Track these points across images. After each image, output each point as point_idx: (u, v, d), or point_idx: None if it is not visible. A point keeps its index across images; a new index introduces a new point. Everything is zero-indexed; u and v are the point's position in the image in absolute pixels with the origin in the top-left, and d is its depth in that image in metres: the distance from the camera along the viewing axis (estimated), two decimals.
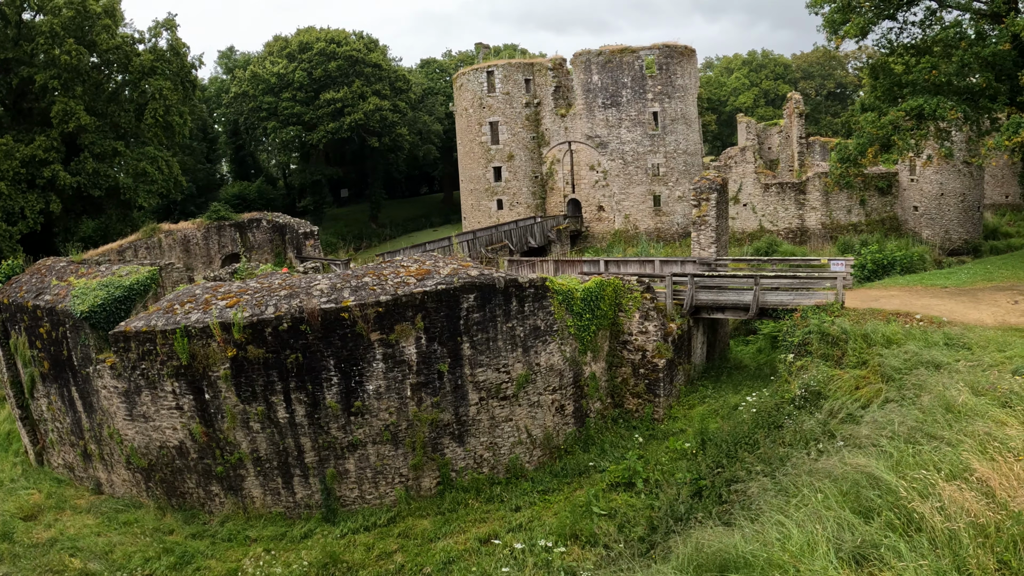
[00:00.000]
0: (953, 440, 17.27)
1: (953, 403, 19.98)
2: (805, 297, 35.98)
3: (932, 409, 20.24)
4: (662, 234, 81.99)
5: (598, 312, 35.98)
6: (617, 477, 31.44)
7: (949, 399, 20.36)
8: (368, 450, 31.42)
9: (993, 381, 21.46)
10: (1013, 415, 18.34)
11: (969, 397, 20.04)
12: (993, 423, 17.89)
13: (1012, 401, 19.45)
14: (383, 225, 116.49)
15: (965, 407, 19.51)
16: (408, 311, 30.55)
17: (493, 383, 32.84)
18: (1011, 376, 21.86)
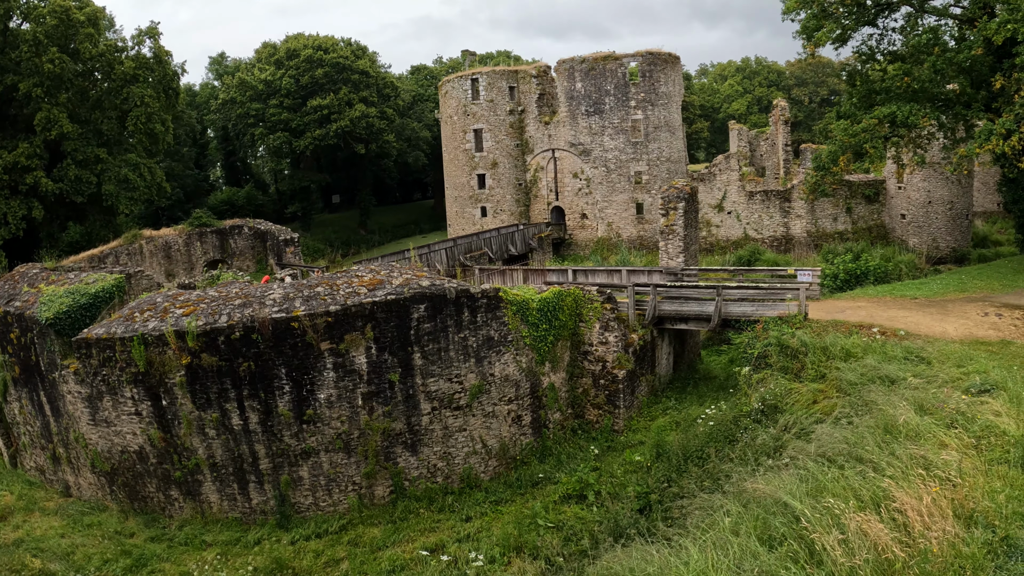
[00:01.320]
0: (883, 464, 16.89)
1: (894, 423, 19.58)
2: (768, 308, 35.58)
3: (872, 429, 19.86)
4: (644, 242, 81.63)
5: (556, 322, 35.54)
6: (569, 489, 31.08)
7: (891, 419, 19.97)
8: (321, 458, 31.32)
9: (943, 399, 21.07)
10: (956, 436, 17.93)
11: (913, 417, 19.62)
12: (932, 446, 17.51)
13: (958, 422, 18.98)
14: (372, 231, 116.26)
15: (907, 427, 19.11)
16: (358, 321, 30.55)
17: (446, 393, 32.63)
18: (963, 394, 21.42)
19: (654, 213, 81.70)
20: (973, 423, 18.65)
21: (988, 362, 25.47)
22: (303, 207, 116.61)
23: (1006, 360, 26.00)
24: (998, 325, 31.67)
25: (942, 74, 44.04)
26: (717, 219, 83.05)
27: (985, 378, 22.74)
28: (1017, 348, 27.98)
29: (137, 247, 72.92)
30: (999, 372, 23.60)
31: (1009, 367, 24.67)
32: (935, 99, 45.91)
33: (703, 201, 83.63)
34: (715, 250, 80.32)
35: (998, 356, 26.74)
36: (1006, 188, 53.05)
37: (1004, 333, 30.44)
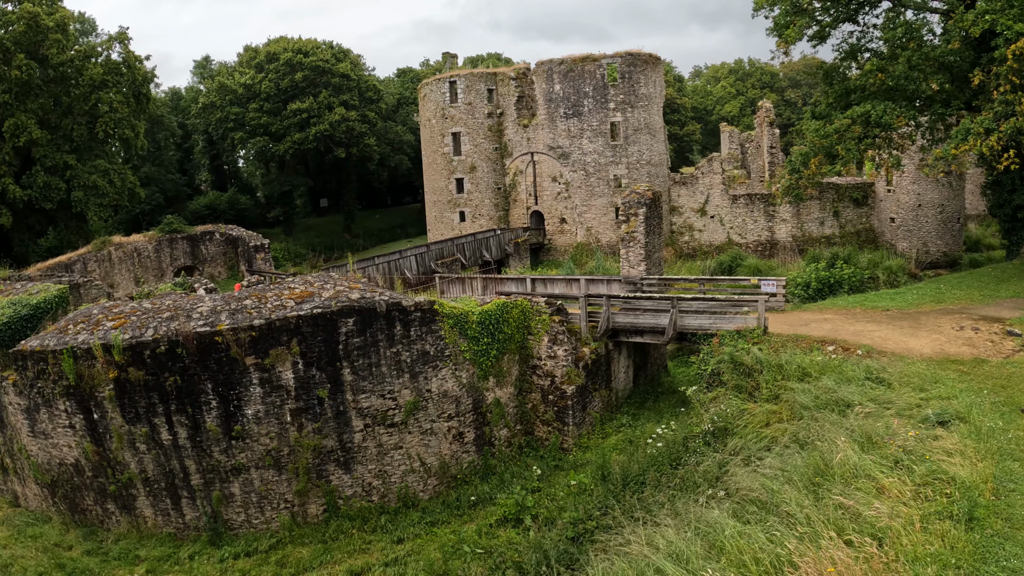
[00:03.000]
0: (802, 516, 15.10)
1: (830, 461, 17.79)
2: (726, 321, 33.66)
3: (803, 469, 18.07)
4: None
5: (501, 336, 33.75)
6: (506, 512, 29.49)
7: (829, 456, 18.17)
8: (252, 474, 30.42)
9: (893, 432, 19.23)
10: (899, 480, 16.15)
11: (852, 455, 17.76)
12: (867, 492, 15.70)
13: (904, 461, 17.21)
14: (356, 235, 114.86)
15: (843, 468, 17.28)
16: (283, 335, 29.49)
17: (379, 410, 31.33)
18: (915, 427, 19.59)
19: None
20: (920, 463, 16.91)
21: (955, 385, 23.85)
22: (285, 211, 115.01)
23: (976, 382, 24.37)
24: (973, 341, 29.60)
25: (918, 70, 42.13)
26: (700, 223, 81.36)
27: (944, 407, 20.99)
28: (991, 368, 26.14)
29: (106, 254, 72.07)
30: (965, 398, 22.05)
31: (978, 391, 23.14)
32: (912, 98, 43.97)
33: (685, 205, 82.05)
34: (698, 255, 78.64)
35: (968, 377, 25.06)
36: (991, 191, 51.19)
37: (979, 350, 28.41)
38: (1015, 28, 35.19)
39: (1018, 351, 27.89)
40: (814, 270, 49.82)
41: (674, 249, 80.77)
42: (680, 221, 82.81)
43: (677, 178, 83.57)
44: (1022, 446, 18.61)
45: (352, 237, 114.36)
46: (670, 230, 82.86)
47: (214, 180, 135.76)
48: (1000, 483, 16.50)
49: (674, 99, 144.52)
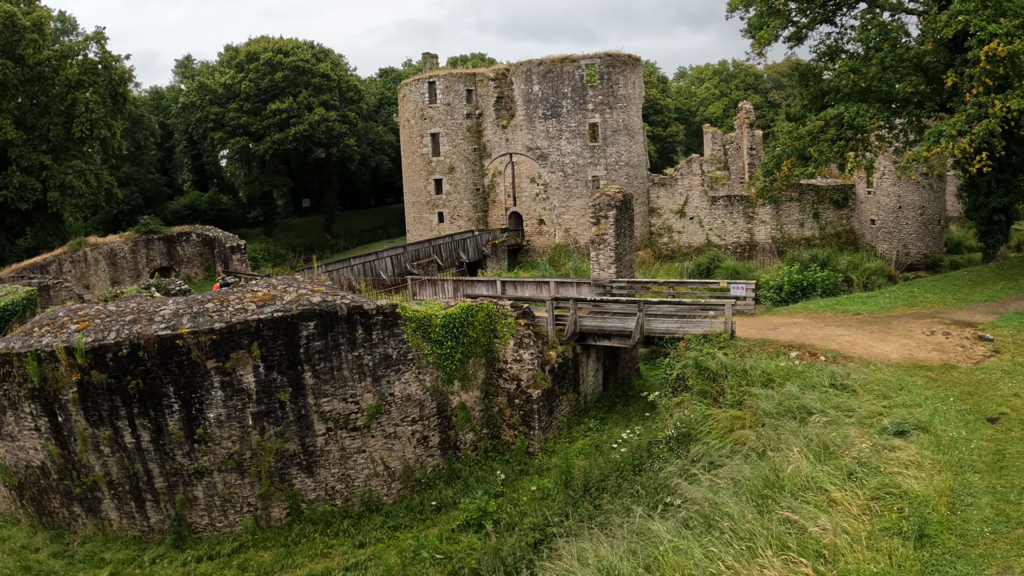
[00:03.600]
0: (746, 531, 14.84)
1: (783, 472, 17.53)
2: (693, 325, 33.33)
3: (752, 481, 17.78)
4: None
5: (465, 339, 33.41)
6: (468, 517, 29.34)
7: (781, 467, 17.92)
8: (215, 478, 30.23)
9: (853, 440, 19.00)
10: (851, 494, 15.84)
11: (806, 465, 17.50)
12: (815, 506, 15.42)
13: (858, 473, 16.91)
14: (337, 236, 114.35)
15: (794, 479, 16.99)
16: (243, 339, 29.22)
17: (341, 413, 31.02)
18: (874, 436, 19.30)
19: None
20: (874, 476, 16.63)
21: (921, 392, 23.52)
22: (265, 212, 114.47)
23: (943, 389, 24.01)
24: (943, 346, 29.21)
25: (892, 71, 41.92)
26: (679, 225, 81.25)
27: (906, 416, 20.70)
28: (960, 374, 25.81)
29: (81, 255, 71.72)
30: (929, 406, 21.69)
31: (944, 398, 22.84)
32: (886, 99, 43.78)
33: (664, 206, 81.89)
34: (677, 256, 78.48)
35: (935, 384, 24.71)
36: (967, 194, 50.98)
37: (949, 356, 28.04)
38: (988, 29, 34.96)
39: (988, 357, 27.58)
40: (787, 273, 49.55)
41: (653, 251, 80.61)
42: (659, 222, 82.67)
43: (656, 179, 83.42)
44: (984, 457, 18.28)
45: (333, 238, 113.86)
46: (649, 231, 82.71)
47: (196, 180, 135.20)
48: (957, 497, 16.18)
49: (657, 100, 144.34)
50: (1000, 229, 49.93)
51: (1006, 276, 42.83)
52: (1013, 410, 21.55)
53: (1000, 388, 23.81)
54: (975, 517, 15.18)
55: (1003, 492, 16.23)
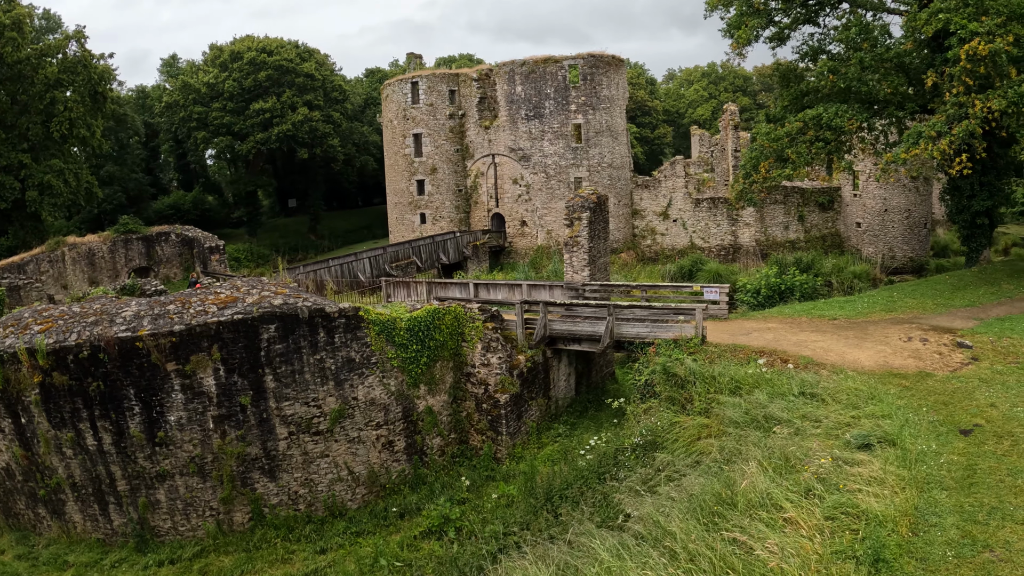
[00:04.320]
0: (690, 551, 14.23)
1: (736, 487, 16.83)
2: (664, 330, 32.76)
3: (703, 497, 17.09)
4: None
5: (431, 343, 32.80)
6: (430, 524, 28.77)
7: (735, 481, 17.24)
8: (177, 481, 29.92)
9: (816, 453, 18.27)
10: (807, 512, 15.06)
11: (765, 479, 16.81)
12: (768, 524, 14.74)
13: (816, 490, 16.14)
14: (322, 236, 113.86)
15: (750, 494, 16.28)
16: (203, 341, 28.86)
17: (303, 417, 30.55)
18: (837, 450, 18.54)
19: None
20: (833, 493, 15.85)
21: (894, 402, 22.77)
22: (249, 212, 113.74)
23: (917, 399, 23.28)
24: (920, 353, 28.44)
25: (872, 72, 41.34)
26: (662, 227, 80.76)
27: (873, 428, 19.92)
28: (935, 383, 24.99)
29: (59, 254, 71.22)
30: (900, 417, 20.97)
31: (917, 408, 22.09)
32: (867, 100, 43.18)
33: (648, 208, 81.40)
34: (660, 259, 77.96)
35: (909, 393, 23.97)
36: (949, 196, 50.43)
37: (925, 363, 27.28)
38: (969, 27, 34.22)
39: (966, 364, 26.85)
40: (764, 277, 48.89)
41: (636, 253, 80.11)
42: (642, 225, 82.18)
43: (640, 181, 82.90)
44: (954, 473, 17.55)
45: (317, 238, 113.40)
46: (632, 234, 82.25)
47: (181, 179, 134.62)
48: (921, 516, 15.40)
49: (645, 102, 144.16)
50: (983, 233, 49.28)
51: (988, 281, 42.05)
52: (988, 421, 20.80)
53: (976, 398, 23.06)
54: (939, 539, 14.45)
55: (971, 512, 15.47)
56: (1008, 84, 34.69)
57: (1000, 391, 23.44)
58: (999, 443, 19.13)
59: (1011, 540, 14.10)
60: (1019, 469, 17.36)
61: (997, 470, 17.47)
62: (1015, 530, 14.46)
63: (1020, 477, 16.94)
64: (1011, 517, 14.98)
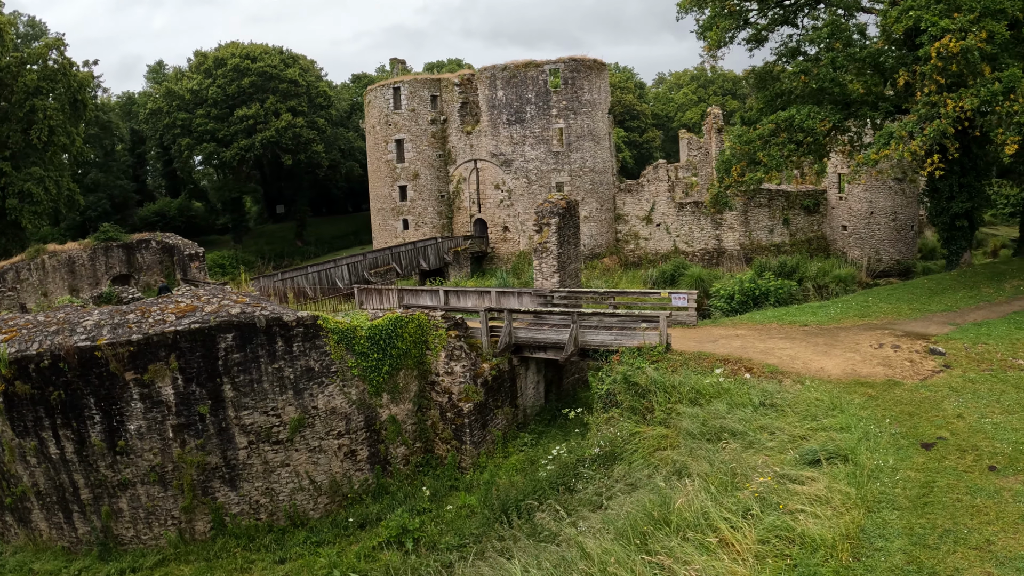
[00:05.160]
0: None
1: (671, 506, 16.25)
2: (628, 337, 32.23)
3: (636, 515, 16.56)
4: None
5: (394, 351, 32.45)
6: (389, 534, 28.41)
7: (669, 499, 16.66)
8: (139, 490, 29.88)
9: (763, 468, 17.70)
10: (743, 534, 14.37)
11: (704, 496, 16.22)
12: (701, 548, 14.12)
13: (755, 509, 15.45)
14: (308, 243, 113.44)
15: (685, 513, 15.67)
16: (161, 351, 28.83)
17: (262, 426, 30.46)
18: (792, 463, 18.08)
19: None
20: (771, 513, 15.16)
21: (857, 412, 22.18)
22: (234, 218, 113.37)
23: (881, 409, 22.58)
24: (890, 360, 27.83)
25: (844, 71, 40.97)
26: (646, 231, 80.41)
27: (827, 441, 19.30)
28: (902, 392, 24.39)
29: (40, 262, 70.60)
30: (860, 429, 20.41)
31: (880, 420, 21.43)
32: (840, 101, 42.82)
33: (631, 213, 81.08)
34: (643, 263, 77.56)
35: (874, 403, 23.31)
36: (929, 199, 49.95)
37: (894, 371, 26.68)
38: (941, 24, 33.85)
39: (937, 372, 26.31)
40: (738, 282, 48.46)
41: (619, 258, 79.79)
42: (626, 229, 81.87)
43: (623, 185, 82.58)
44: (909, 491, 16.78)
45: (303, 244, 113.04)
46: (615, 238, 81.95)
47: (168, 186, 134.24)
48: (867, 539, 14.54)
49: (634, 106, 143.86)
50: (963, 235, 48.55)
51: (968, 284, 41.49)
52: (953, 434, 20.15)
53: (944, 408, 22.43)
54: (881, 565, 13.56)
55: (921, 534, 14.73)
56: (981, 82, 34.23)
57: (970, 401, 22.92)
58: (961, 458, 18.54)
59: (961, 567, 13.33)
60: (979, 487, 16.69)
61: (956, 488, 16.81)
62: (967, 555, 13.72)
63: (979, 496, 16.25)
64: (964, 541, 14.27)
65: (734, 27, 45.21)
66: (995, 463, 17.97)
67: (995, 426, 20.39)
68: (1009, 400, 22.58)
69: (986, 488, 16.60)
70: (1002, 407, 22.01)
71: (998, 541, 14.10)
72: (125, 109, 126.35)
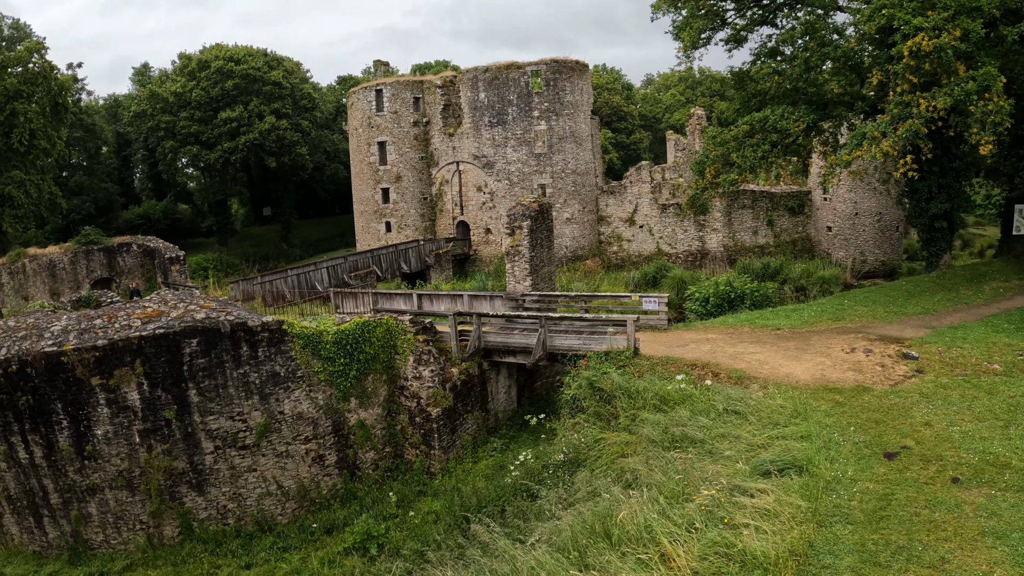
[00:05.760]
0: None
1: (613, 518, 15.83)
2: (596, 342, 31.94)
3: (576, 528, 16.22)
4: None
5: (361, 356, 32.30)
6: (354, 540, 28.31)
7: (612, 512, 16.26)
8: (107, 495, 30.17)
9: (714, 478, 17.24)
10: (682, 549, 13.89)
11: (649, 510, 15.73)
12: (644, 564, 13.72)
13: (698, 523, 14.94)
14: (294, 245, 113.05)
15: (627, 527, 15.22)
16: (127, 356, 29.12)
17: (228, 431, 30.56)
18: (746, 474, 17.62)
19: (559, 228, 78.36)
20: (715, 527, 14.64)
21: (822, 420, 21.59)
22: (219, 221, 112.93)
23: (847, 416, 21.96)
24: (861, 365, 27.16)
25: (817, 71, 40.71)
26: (628, 233, 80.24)
27: (786, 450, 18.77)
28: (871, 398, 23.59)
29: (20, 266, 70.43)
30: (823, 437, 19.88)
31: (844, 428, 20.84)
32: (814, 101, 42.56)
33: (614, 215, 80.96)
34: (626, 265, 77.35)
35: (841, 409, 22.65)
36: (908, 199, 49.71)
37: (864, 376, 26.03)
38: (913, 23, 33.42)
39: (909, 377, 25.65)
40: (713, 284, 48.06)
41: (602, 259, 79.63)
42: (608, 231, 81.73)
43: (606, 187, 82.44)
44: (866, 504, 16.11)
45: (289, 247, 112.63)
46: (598, 240, 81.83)
47: (154, 188, 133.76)
48: (815, 556, 13.90)
49: (621, 107, 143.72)
50: (943, 236, 48.11)
51: (946, 287, 40.93)
52: (918, 443, 19.49)
53: (913, 415, 21.74)
54: None
55: (873, 551, 14.02)
56: (955, 81, 33.72)
57: (940, 407, 22.30)
58: (924, 468, 17.94)
59: None
60: (939, 501, 16.09)
61: (915, 501, 16.17)
62: (919, 574, 13.16)
63: (938, 510, 15.63)
64: (918, 559, 13.58)
65: (710, 27, 44.96)
66: (959, 474, 17.42)
67: (963, 435, 19.86)
68: (980, 407, 21.98)
69: (947, 501, 16.04)
70: (972, 414, 21.48)
71: (953, 559, 13.49)
72: (111, 112, 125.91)
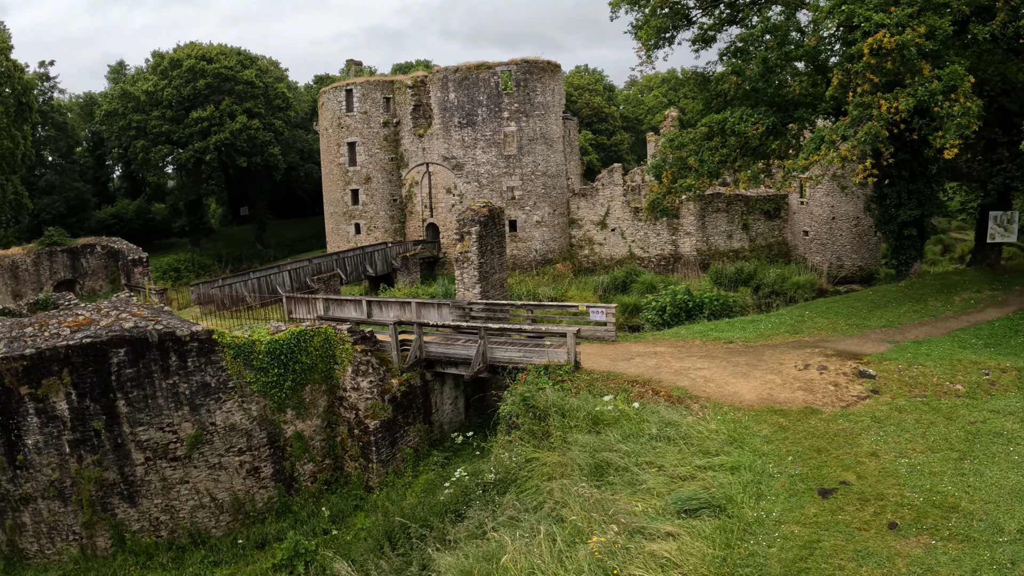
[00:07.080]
0: None
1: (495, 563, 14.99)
2: (537, 355, 31.09)
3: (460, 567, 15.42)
4: (518, 262, 77.28)
5: (297, 366, 31.49)
6: (283, 556, 27.46)
7: (498, 556, 15.38)
8: (40, 504, 29.86)
9: (619, 516, 16.07)
10: None
11: (535, 555, 14.71)
12: None
13: (587, 572, 13.82)
14: (268, 245, 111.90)
15: (510, 572, 14.42)
16: (54, 365, 28.74)
17: (159, 442, 30.03)
18: (656, 512, 16.44)
19: (528, 231, 77.77)
20: None
21: (759, 447, 20.40)
22: (192, 221, 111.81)
23: (788, 443, 20.68)
24: (813, 384, 25.83)
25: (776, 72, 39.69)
26: (600, 236, 79.53)
27: (708, 485, 17.50)
28: (818, 422, 22.28)
29: None
30: (755, 469, 18.69)
31: (782, 457, 19.56)
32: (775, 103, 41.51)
33: (585, 218, 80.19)
34: (597, 270, 76.56)
35: (782, 435, 21.36)
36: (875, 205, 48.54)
37: (815, 396, 24.68)
38: (874, 19, 32.06)
39: (863, 398, 24.31)
40: (671, 293, 47.15)
41: (573, 263, 78.89)
42: (580, 234, 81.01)
43: (577, 190, 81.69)
44: (787, 552, 14.67)
45: (263, 247, 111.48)
46: (569, 244, 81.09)
47: (130, 188, 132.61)
48: None
49: (602, 108, 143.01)
50: (913, 244, 46.19)
51: (914, 297, 39.48)
52: (860, 478, 18.05)
53: (860, 443, 20.34)
54: None
55: None
56: (919, 81, 32.35)
57: (892, 435, 20.86)
58: (861, 510, 16.46)
59: None
60: (869, 552, 14.57)
61: (842, 551, 14.69)
62: None
63: (867, 564, 14.15)
64: None
65: (673, 26, 43.96)
66: (898, 518, 15.90)
67: (911, 468, 18.41)
68: (935, 435, 20.58)
69: (878, 553, 14.52)
70: (926, 443, 20.02)
71: None
72: (86, 110, 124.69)
